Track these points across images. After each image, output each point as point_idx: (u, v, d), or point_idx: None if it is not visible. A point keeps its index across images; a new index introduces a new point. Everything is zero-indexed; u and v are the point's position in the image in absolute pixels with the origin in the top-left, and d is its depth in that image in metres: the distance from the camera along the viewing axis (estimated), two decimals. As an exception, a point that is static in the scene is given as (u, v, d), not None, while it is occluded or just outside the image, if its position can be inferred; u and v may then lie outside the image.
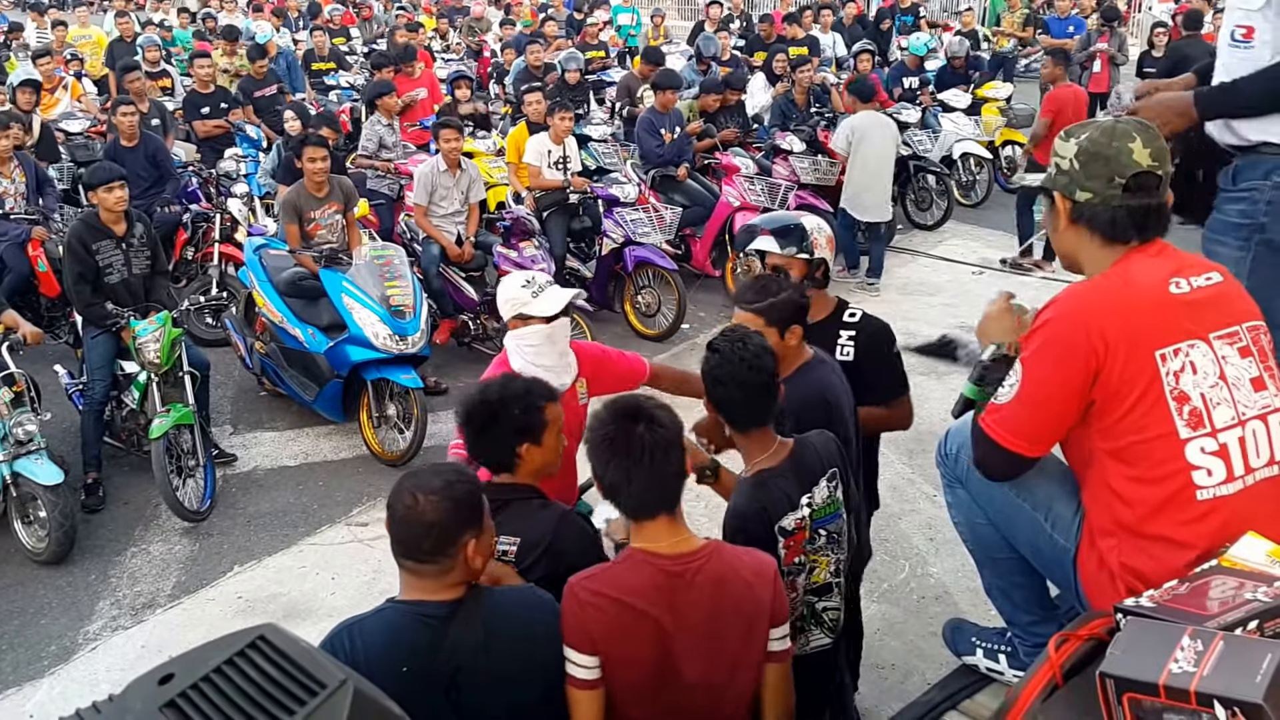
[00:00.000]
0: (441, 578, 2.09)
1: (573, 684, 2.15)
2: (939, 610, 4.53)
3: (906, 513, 5.36)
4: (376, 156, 8.51)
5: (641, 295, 7.98)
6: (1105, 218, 2.10)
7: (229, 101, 9.90)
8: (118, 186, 5.63)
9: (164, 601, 4.90)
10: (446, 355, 7.55)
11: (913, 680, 4.10)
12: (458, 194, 7.41)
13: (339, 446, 6.42)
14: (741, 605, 2.16)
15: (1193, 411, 1.96)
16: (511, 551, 2.49)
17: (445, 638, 2.06)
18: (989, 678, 2.52)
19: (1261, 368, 2.02)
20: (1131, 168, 2.07)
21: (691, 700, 2.18)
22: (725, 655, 2.17)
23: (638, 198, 8.11)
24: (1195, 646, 1.43)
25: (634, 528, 2.22)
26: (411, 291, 6.14)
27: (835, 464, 2.57)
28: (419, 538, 2.06)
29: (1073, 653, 1.64)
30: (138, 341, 5.46)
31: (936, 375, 7.15)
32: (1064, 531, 2.19)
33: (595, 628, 2.12)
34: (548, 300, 3.25)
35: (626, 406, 2.21)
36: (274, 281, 6.49)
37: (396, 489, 2.12)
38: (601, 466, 2.19)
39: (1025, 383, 2.08)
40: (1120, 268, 2.08)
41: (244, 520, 5.59)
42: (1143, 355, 1.98)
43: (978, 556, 2.49)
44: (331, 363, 6.09)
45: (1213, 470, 1.96)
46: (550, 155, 8.02)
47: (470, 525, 2.09)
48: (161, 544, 5.39)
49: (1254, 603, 1.61)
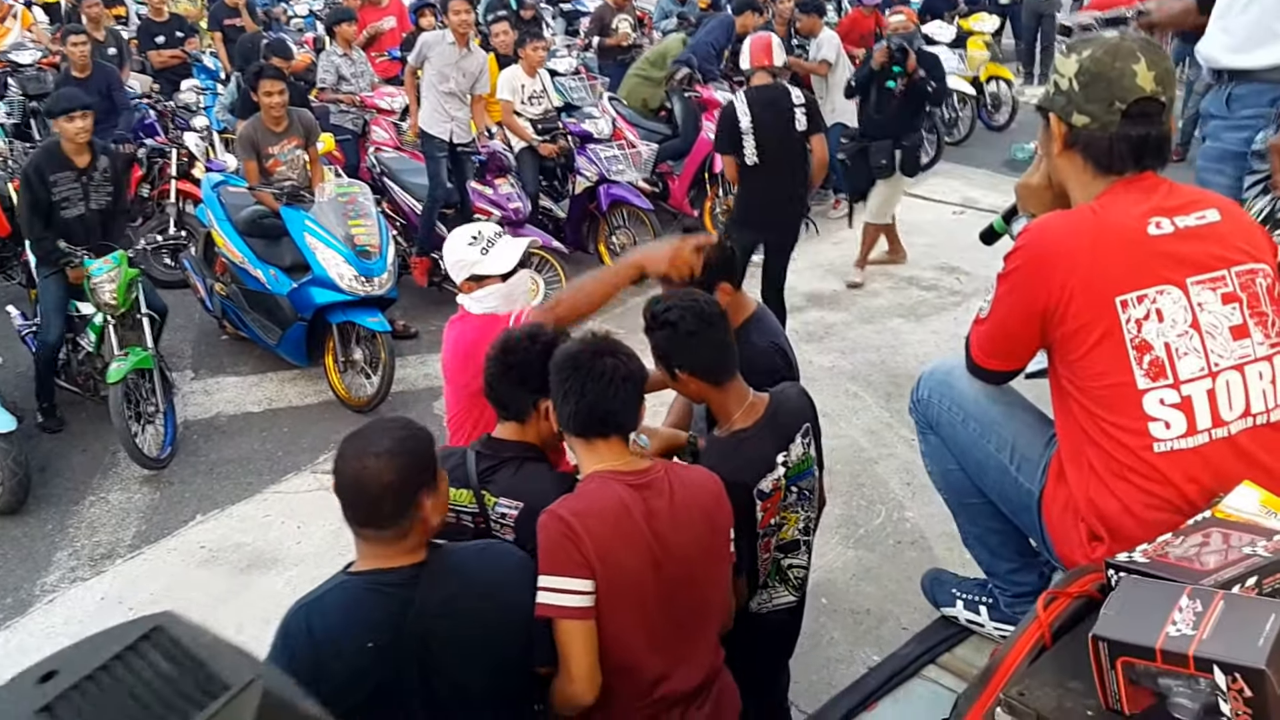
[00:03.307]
0: (401, 541, 1.98)
1: (566, 615, 2.07)
2: (915, 555, 4.52)
3: (883, 457, 5.33)
4: (336, 90, 8.25)
5: (616, 236, 7.83)
6: (1102, 145, 2.00)
7: (185, 30, 9.60)
8: (79, 115, 5.42)
9: (124, 552, 4.81)
10: (415, 297, 7.41)
11: (888, 625, 4.09)
12: (461, 74, 7.02)
13: (304, 392, 6.30)
14: (704, 504, 2.23)
15: (1154, 361, 1.88)
16: (512, 516, 2.37)
17: (410, 605, 1.96)
18: (969, 630, 2.47)
19: (1247, 314, 1.92)
20: (1134, 92, 1.96)
21: (683, 598, 2.20)
22: (701, 547, 2.21)
23: (612, 133, 7.94)
24: (1194, 607, 1.36)
25: (587, 449, 2.22)
26: (377, 230, 5.97)
27: (808, 418, 2.52)
28: (375, 502, 1.94)
29: (1061, 611, 1.58)
30: (92, 282, 5.30)
31: (916, 317, 7.10)
32: (1029, 473, 2.14)
33: (589, 548, 2.07)
34: (500, 255, 3.04)
35: (599, 343, 2.23)
36: (233, 220, 6.32)
37: (341, 453, 1.99)
38: (561, 383, 2.18)
39: (994, 306, 2.07)
40: (1103, 201, 1.99)
41: (206, 468, 5.48)
42: (1102, 301, 1.89)
43: (952, 504, 2.43)
44: (295, 305, 5.94)
45: (1171, 423, 1.88)
46: (525, 90, 7.80)
47: (425, 482, 1.98)
48: (121, 492, 5.28)
49: (1253, 558, 1.54)
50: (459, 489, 2.40)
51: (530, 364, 2.39)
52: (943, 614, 2.54)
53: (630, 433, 2.27)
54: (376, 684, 1.95)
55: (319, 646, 1.93)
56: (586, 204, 7.89)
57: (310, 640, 1.94)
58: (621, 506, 2.13)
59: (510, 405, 2.46)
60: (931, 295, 7.47)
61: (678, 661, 2.23)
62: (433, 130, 7.05)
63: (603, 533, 2.09)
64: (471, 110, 7.25)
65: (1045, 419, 2.17)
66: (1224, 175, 2.64)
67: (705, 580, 2.26)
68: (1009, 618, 2.41)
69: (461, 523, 2.41)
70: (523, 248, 3.10)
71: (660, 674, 2.20)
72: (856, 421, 5.71)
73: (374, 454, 1.94)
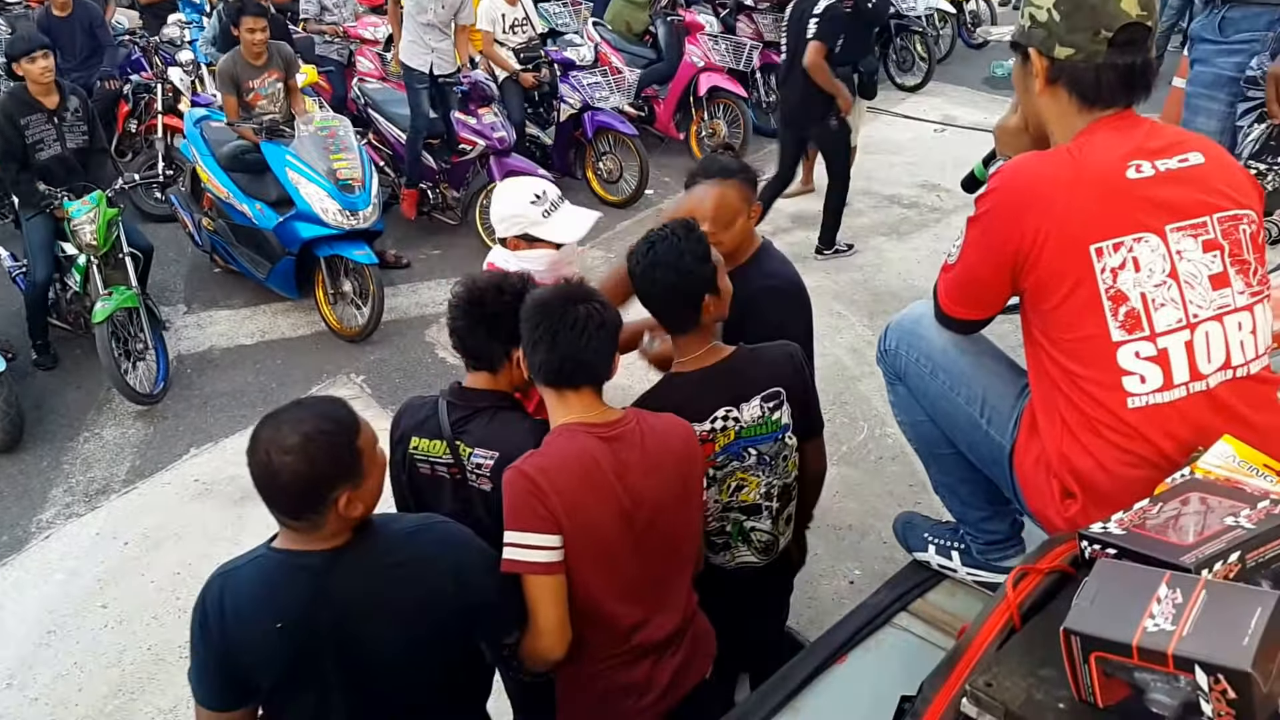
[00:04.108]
0: (315, 531, 1.79)
1: (533, 570, 1.95)
2: (896, 470, 4.43)
3: (866, 375, 5.19)
4: (320, 21, 7.87)
5: (603, 161, 7.56)
6: (1089, 78, 1.77)
7: (170, -37, 9.16)
8: (40, 56, 5.13)
9: (118, 487, 4.67)
10: (406, 227, 7.19)
11: (869, 540, 4.03)
12: (440, 5, 6.63)
13: (297, 323, 6.09)
14: (675, 450, 2.10)
15: (1130, 313, 1.69)
16: (487, 466, 2.22)
17: (327, 588, 1.78)
18: (941, 574, 2.32)
19: (1228, 261, 1.72)
20: (1120, 18, 1.73)
21: (656, 547, 2.08)
22: (673, 496, 2.09)
23: (596, 59, 7.60)
24: (1174, 598, 1.19)
25: (558, 400, 2.06)
26: (360, 164, 5.71)
27: (782, 383, 2.30)
28: (283, 493, 1.74)
29: (1032, 589, 1.41)
30: (72, 223, 5.07)
31: (898, 235, 6.89)
32: (1000, 427, 1.96)
33: (556, 502, 1.94)
34: (564, 224, 2.66)
35: (572, 289, 2.06)
36: (216, 155, 6.04)
37: (254, 435, 1.78)
38: (531, 329, 2.01)
39: (963, 251, 1.87)
40: (1080, 141, 1.77)
41: (200, 401, 5.32)
42: (1075, 248, 1.69)
43: (922, 454, 2.25)
44: (281, 239, 5.71)
45: (1146, 376, 1.70)
46: (505, 19, 7.45)
47: (340, 479, 1.75)
48: (115, 428, 5.12)
49: (1236, 530, 1.36)
50: (432, 440, 2.27)
51: (500, 315, 2.20)
52: (915, 558, 2.39)
53: (604, 383, 2.09)
54: (287, 666, 1.79)
55: (227, 621, 1.79)
56: (572, 130, 7.61)
57: (220, 613, 1.79)
58: (590, 459, 1.99)
59: (482, 356, 2.27)
60: (913, 213, 7.26)
61: (652, 610, 2.12)
62: (412, 62, 6.71)
63: (569, 487, 1.96)
64: (455, 40, 6.90)
65: (1017, 369, 1.98)
66: (1216, 102, 2.42)
67: (677, 529, 2.14)
68: (981, 564, 2.26)
69: (437, 473, 2.28)
70: (591, 221, 2.74)
71: (634, 623, 2.10)
72: (840, 340, 5.57)
73: (281, 447, 1.72)
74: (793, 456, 2.36)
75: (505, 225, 2.68)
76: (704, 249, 2.22)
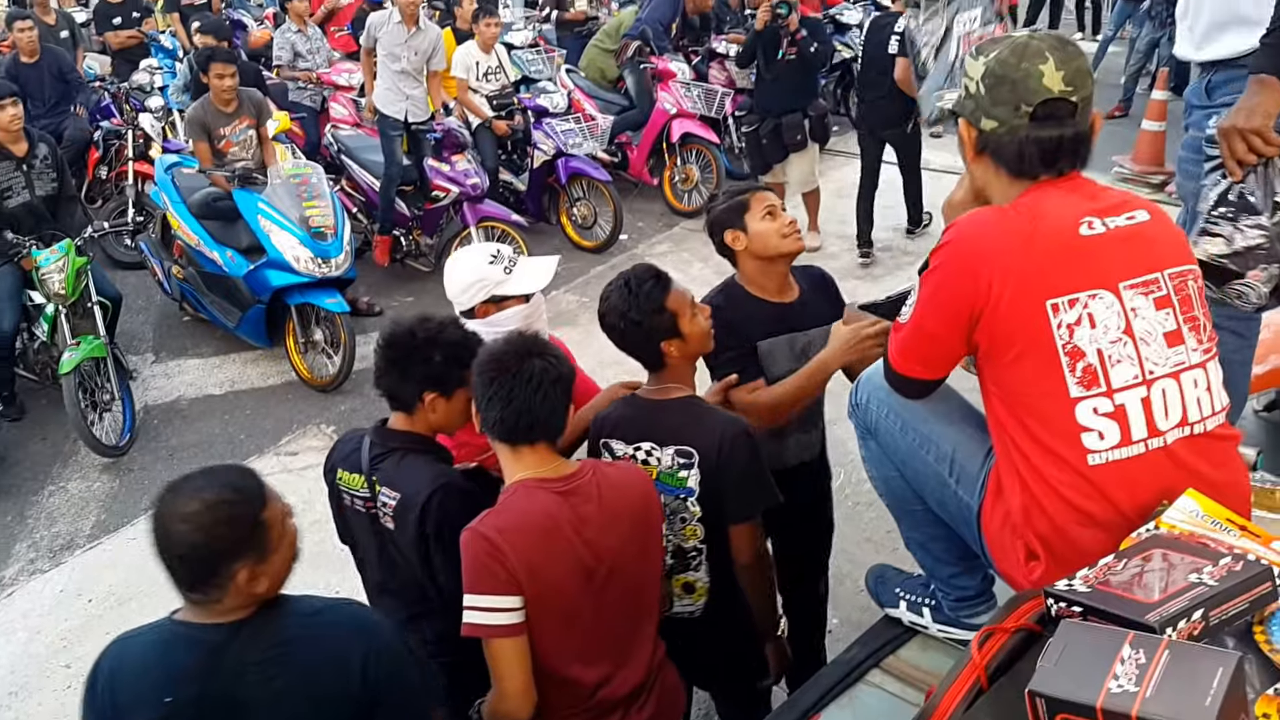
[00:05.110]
0: (213, 605, 1.72)
1: (496, 634, 1.96)
2: (873, 516, 4.42)
3: (842, 419, 5.12)
4: (293, 67, 7.93)
5: (577, 207, 7.62)
6: (1012, 150, 1.81)
7: (141, 10, 9.22)
8: (9, 104, 5.16)
9: (83, 542, 4.62)
10: (379, 274, 7.19)
11: (846, 586, 4.00)
12: (412, 53, 6.74)
13: (267, 372, 6.07)
14: (633, 503, 2.12)
15: (1087, 369, 1.71)
16: (390, 506, 2.27)
17: (221, 664, 1.71)
18: (914, 630, 2.34)
19: (1181, 319, 1.76)
20: (1040, 94, 1.77)
21: (618, 601, 2.09)
22: (634, 547, 2.11)
23: (569, 106, 7.70)
24: (1137, 658, 1.21)
25: (513, 456, 2.07)
26: (332, 211, 5.74)
27: (699, 448, 2.30)
28: (173, 566, 1.68)
29: (999, 649, 1.43)
30: (40, 272, 5.06)
31: (871, 279, 6.96)
32: (968, 486, 1.97)
33: (515, 563, 1.94)
34: (527, 275, 2.64)
35: (526, 342, 2.09)
36: (187, 202, 6.05)
37: (158, 499, 1.73)
38: (486, 385, 2.03)
39: (918, 307, 1.88)
40: (1031, 199, 1.81)
41: (167, 454, 5.28)
42: (1031, 303, 1.72)
43: (893, 509, 2.27)
44: (252, 287, 5.71)
45: (1105, 433, 1.72)
46: (479, 67, 7.53)
47: (240, 552, 1.68)
48: (81, 481, 5.07)
49: (1199, 588, 1.39)
50: (353, 473, 2.36)
51: (412, 357, 2.28)
52: (887, 614, 2.40)
53: (557, 439, 2.10)
54: None
55: (116, 691, 1.73)
56: (546, 177, 7.67)
57: (111, 682, 1.74)
58: (547, 518, 2.00)
59: (396, 397, 2.35)
60: (885, 256, 7.34)
61: (616, 666, 2.12)
62: (387, 109, 6.78)
63: (528, 547, 1.96)
64: (428, 87, 6.98)
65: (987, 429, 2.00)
66: (1194, 164, 2.48)
67: (638, 580, 2.15)
68: (952, 620, 2.27)
69: (355, 507, 2.38)
70: (553, 266, 2.74)
71: (598, 680, 2.10)
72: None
73: (179, 515, 1.67)
74: (692, 523, 2.36)
75: (469, 295, 2.63)
76: (656, 300, 2.29)
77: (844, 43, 9.32)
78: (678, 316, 2.32)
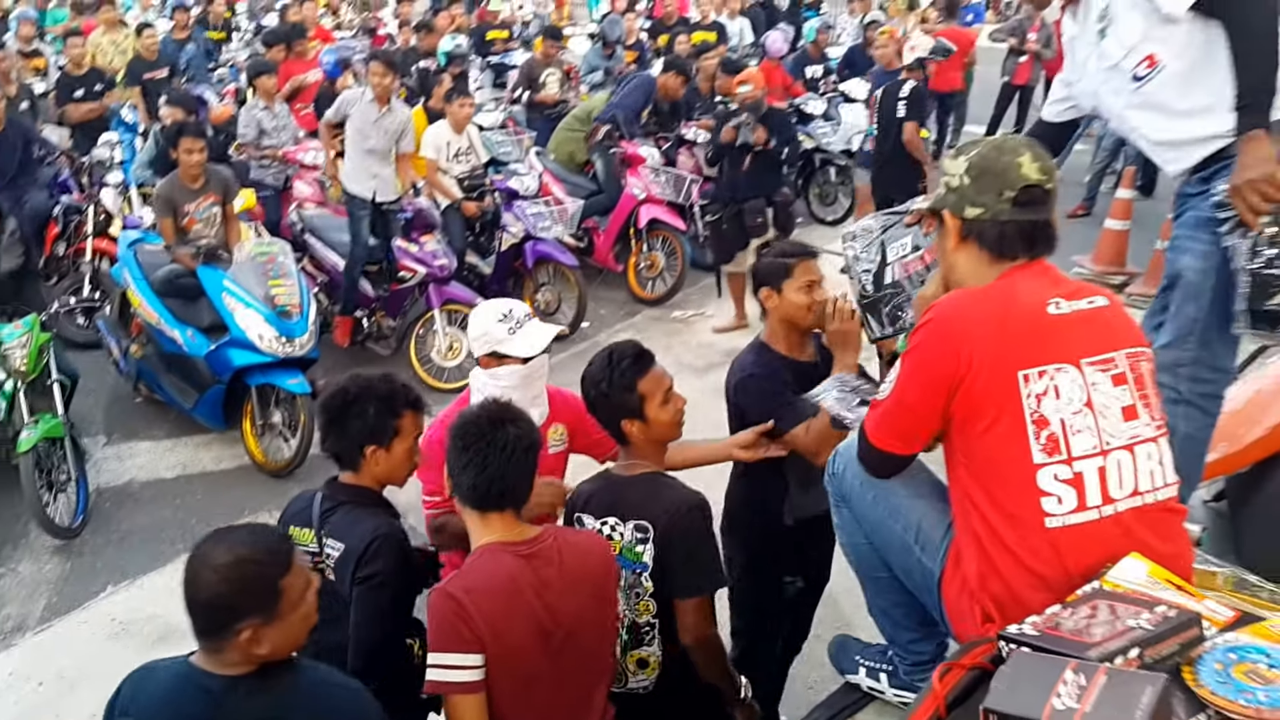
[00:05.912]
0: (216, 654, 1.93)
1: (456, 691, 2.16)
2: (824, 614, 4.46)
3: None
4: (258, 144, 8.21)
5: (541, 293, 7.90)
6: (994, 233, 2.12)
7: (104, 83, 9.48)
8: None
9: (34, 625, 4.71)
10: (338, 356, 7.33)
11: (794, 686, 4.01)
12: (381, 133, 7.07)
13: (220, 456, 6.21)
14: (592, 569, 2.34)
15: (1050, 436, 1.96)
16: (334, 557, 2.52)
17: (223, 713, 1.90)
18: (872, 695, 2.57)
19: (1136, 396, 2.03)
20: (1021, 181, 2.09)
21: (573, 663, 2.28)
22: (591, 611, 2.32)
23: (539, 189, 8.00)
24: (1078, 681, 1.45)
25: (480, 521, 2.29)
26: (298, 290, 5.96)
27: (653, 523, 2.53)
28: (191, 609, 1.90)
29: (956, 683, 1.66)
30: (3, 348, 5.22)
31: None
32: (931, 554, 2.21)
33: (479, 622, 2.15)
34: (527, 339, 2.94)
35: (499, 409, 2.33)
36: (149, 279, 6.22)
37: (197, 544, 1.96)
38: (460, 452, 2.26)
39: (898, 382, 2.12)
40: (1005, 282, 2.10)
41: (118, 537, 5.39)
42: (1005, 373, 1.98)
43: (860, 575, 2.52)
44: (213, 367, 5.87)
45: (1063, 498, 1.96)
46: (450, 147, 7.78)
47: (253, 611, 1.87)
48: (31, 563, 5.16)
49: (1136, 630, 1.64)
50: (303, 529, 2.62)
51: (347, 413, 2.57)
52: (846, 680, 2.63)
53: (522, 506, 2.32)
54: None
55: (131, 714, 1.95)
56: (512, 260, 7.93)
57: (126, 709, 1.98)
58: (510, 580, 2.21)
59: (341, 456, 2.63)
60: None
61: None
62: (354, 189, 7.07)
63: (492, 608, 2.17)
64: (396, 167, 7.29)
65: None
66: (1199, 241, 2.72)
67: (594, 643, 2.36)
68: (908, 685, 2.49)
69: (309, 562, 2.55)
70: (551, 335, 3.02)
71: None
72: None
73: (213, 565, 1.88)
74: (645, 599, 2.58)
75: (478, 344, 2.99)
76: (629, 379, 2.58)
77: (807, 133, 9.74)
78: (645, 399, 2.60)
